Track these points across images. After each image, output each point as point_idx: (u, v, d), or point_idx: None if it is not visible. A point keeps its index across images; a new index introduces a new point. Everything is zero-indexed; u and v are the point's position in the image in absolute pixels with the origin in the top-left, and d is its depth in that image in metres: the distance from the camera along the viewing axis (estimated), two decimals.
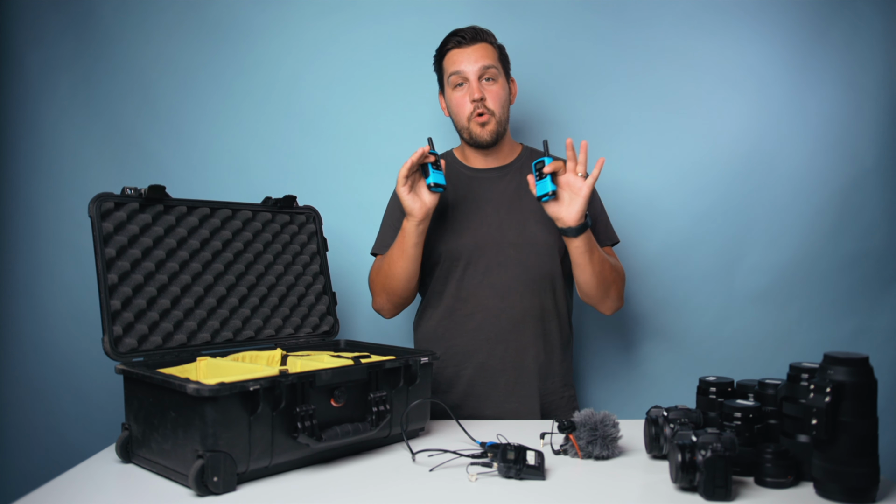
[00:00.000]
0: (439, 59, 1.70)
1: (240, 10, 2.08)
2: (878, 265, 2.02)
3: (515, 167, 1.72)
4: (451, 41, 1.66)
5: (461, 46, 1.64)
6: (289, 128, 2.09)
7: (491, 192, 1.69)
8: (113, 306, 1.28)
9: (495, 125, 1.64)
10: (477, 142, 1.66)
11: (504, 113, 1.66)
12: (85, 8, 2.05)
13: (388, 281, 1.65)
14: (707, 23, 2.05)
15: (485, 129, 1.63)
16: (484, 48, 1.64)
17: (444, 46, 1.67)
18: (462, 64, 1.62)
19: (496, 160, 1.72)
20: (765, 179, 2.04)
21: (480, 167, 1.72)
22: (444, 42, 1.68)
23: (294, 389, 1.13)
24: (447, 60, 1.66)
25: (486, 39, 1.65)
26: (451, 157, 1.77)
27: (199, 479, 1.04)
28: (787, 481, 1.05)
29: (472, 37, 1.64)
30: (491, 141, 1.65)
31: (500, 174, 1.71)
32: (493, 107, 1.63)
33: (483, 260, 1.64)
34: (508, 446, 1.12)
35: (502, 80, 1.66)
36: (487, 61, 1.62)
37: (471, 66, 1.62)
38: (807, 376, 1.06)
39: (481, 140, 1.65)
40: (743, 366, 1.96)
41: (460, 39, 1.64)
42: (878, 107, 2.01)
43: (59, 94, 2.06)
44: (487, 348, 1.63)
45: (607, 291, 1.61)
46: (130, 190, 1.37)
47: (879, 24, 2.01)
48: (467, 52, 1.63)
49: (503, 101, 1.65)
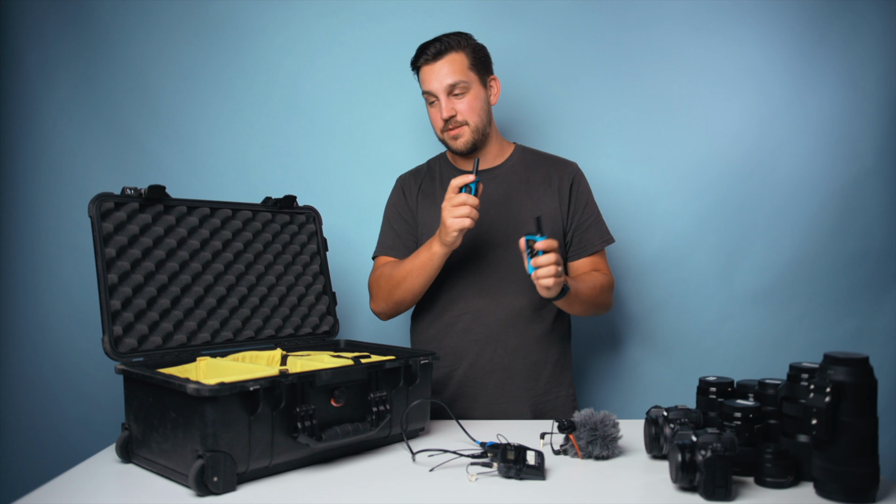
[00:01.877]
0: (416, 73, 1.69)
1: (240, 10, 2.08)
2: (878, 265, 2.03)
3: (505, 168, 1.72)
4: (419, 58, 1.64)
5: (428, 63, 1.61)
6: (289, 128, 2.09)
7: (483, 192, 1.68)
8: (113, 306, 1.28)
9: (470, 135, 1.63)
10: (455, 152, 1.68)
11: (481, 119, 1.64)
12: (85, 8, 2.05)
13: (397, 291, 1.62)
14: (707, 23, 2.05)
15: (458, 141, 1.64)
16: (450, 62, 1.60)
17: (414, 63, 1.66)
18: (430, 83, 1.61)
19: (484, 163, 1.71)
20: (765, 179, 2.04)
21: (469, 170, 1.72)
22: (413, 58, 1.66)
23: (294, 389, 1.13)
24: (420, 77, 1.66)
25: (452, 50, 1.60)
26: (443, 161, 1.78)
27: (199, 479, 1.04)
28: (787, 481, 1.05)
29: (436, 53, 1.60)
30: (467, 150, 1.65)
31: (489, 177, 1.70)
32: (466, 117, 1.62)
33: (473, 262, 1.65)
34: (508, 446, 1.12)
35: (475, 88, 1.63)
36: (453, 77, 1.59)
37: (437, 84, 1.60)
38: (807, 376, 1.06)
39: (457, 151, 1.67)
40: (743, 366, 1.96)
41: (427, 57, 1.61)
42: (879, 107, 2.02)
43: (59, 94, 2.06)
44: (477, 349, 1.64)
45: (595, 313, 1.69)
46: (130, 190, 1.37)
47: (879, 24, 2.01)
48: (434, 70, 1.60)
49: (478, 109, 1.63)
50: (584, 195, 1.71)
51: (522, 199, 1.67)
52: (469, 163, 1.72)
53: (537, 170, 1.71)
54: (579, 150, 2.04)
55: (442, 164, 1.77)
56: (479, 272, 1.64)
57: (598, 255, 1.71)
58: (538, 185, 1.69)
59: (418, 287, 1.60)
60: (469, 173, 1.51)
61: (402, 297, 1.63)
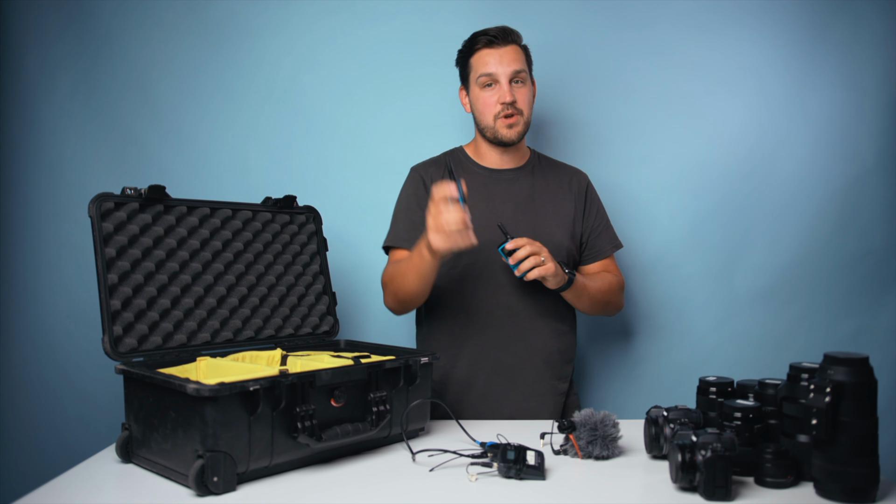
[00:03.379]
0: (466, 55, 1.67)
1: (240, 10, 2.08)
2: (878, 265, 2.03)
3: (528, 168, 1.73)
4: (480, 40, 1.63)
5: (492, 47, 1.61)
6: (289, 128, 2.09)
7: (507, 191, 1.69)
8: (113, 306, 1.28)
9: (523, 126, 1.65)
10: (502, 141, 1.65)
11: (531, 114, 1.67)
12: (85, 8, 2.05)
13: (403, 293, 1.59)
14: (707, 23, 2.05)
15: (512, 130, 1.63)
16: (515, 50, 1.63)
17: (472, 44, 1.65)
18: (493, 66, 1.61)
19: (512, 161, 1.71)
20: (765, 179, 2.04)
21: (495, 167, 1.71)
22: (473, 40, 1.65)
23: (294, 389, 1.13)
24: (476, 59, 1.64)
25: (516, 41, 1.65)
26: (461, 155, 1.75)
27: (199, 479, 1.04)
28: (787, 481, 1.05)
29: (504, 38, 1.62)
30: (517, 140, 1.66)
31: (516, 175, 1.71)
32: (522, 106, 1.63)
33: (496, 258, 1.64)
34: (508, 446, 1.12)
35: (529, 83, 1.67)
36: (518, 65, 1.62)
37: (503, 68, 1.60)
38: (807, 376, 1.06)
39: (507, 139, 1.64)
40: (743, 366, 1.96)
41: (492, 39, 1.62)
42: (879, 107, 2.02)
43: (59, 94, 2.05)
44: (505, 346, 1.63)
45: (605, 311, 1.72)
46: (130, 190, 1.37)
47: (879, 24, 2.01)
48: (499, 54, 1.61)
49: (531, 103, 1.67)
50: (596, 202, 1.76)
51: (546, 200, 1.69)
52: (495, 157, 1.71)
53: (556, 174, 1.74)
54: (579, 150, 2.05)
55: (463, 160, 1.74)
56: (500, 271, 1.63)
57: (609, 259, 1.76)
58: (557, 188, 1.72)
59: (420, 291, 1.55)
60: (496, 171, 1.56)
61: (406, 298, 1.60)
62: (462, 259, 1.63)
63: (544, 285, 1.53)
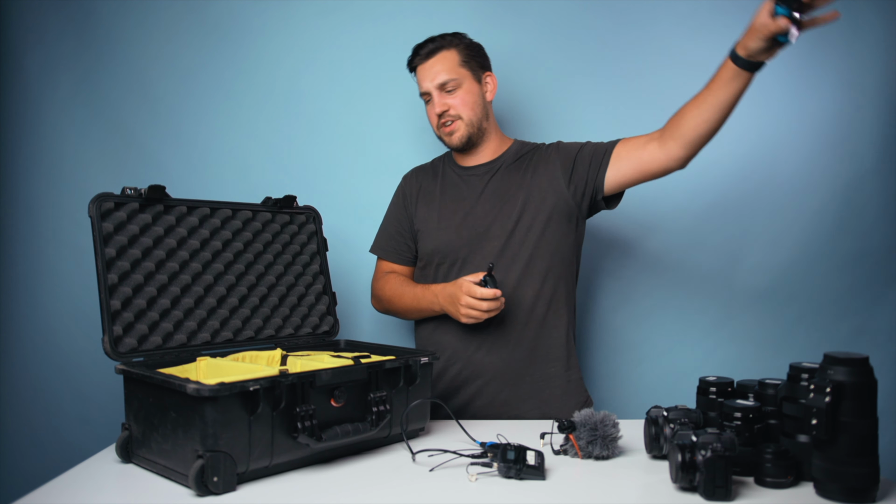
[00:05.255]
0: (414, 75, 1.74)
1: (240, 10, 2.08)
2: (878, 265, 2.02)
3: (503, 161, 1.73)
4: (414, 58, 1.70)
5: (421, 62, 1.68)
6: (289, 128, 2.09)
7: (479, 188, 1.71)
8: (113, 306, 1.28)
9: (465, 129, 1.67)
10: (452, 147, 1.73)
11: (475, 114, 1.67)
12: (85, 8, 2.05)
13: (393, 311, 1.78)
14: (707, 23, 2.05)
15: (454, 136, 1.68)
16: (441, 60, 1.66)
17: (410, 64, 1.72)
18: (423, 82, 1.68)
19: (483, 157, 1.75)
20: (765, 179, 2.04)
21: (469, 165, 1.76)
22: (409, 59, 1.71)
23: (294, 389, 1.13)
24: (417, 76, 1.72)
25: (442, 48, 1.66)
26: (448, 159, 1.81)
27: (199, 479, 1.04)
28: (787, 481, 1.05)
29: (427, 52, 1.66)
30: (462, 145, 1.70)
31: (489, 169, 1.73)
32: (459, 111, 1.66)
33: (476, 255, 1.66)
34: (508, 446, 1.12)
35: (468, 83, 1.67)
36: (444, 75, 1.65)
37: (430, 82, 1.67)
38: (807, 376, 1.06)
39: (453, 145, 1.71)
40: (743, 366, 1.96)
41: (419, 56, 1.68)
42: (878, 107, 2.01)
43: (59, 94, 2.05)
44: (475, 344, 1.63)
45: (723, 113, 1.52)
46: (130, 190, 1.37)
47: (879, 24, 2.01)
48: (426, 68, 1.67)
49: (471, 103, 1.67)
50: (569, 148, 1.69)
51: (518, 190, 1.68)
52: (466, 158, 1.75)
53: (531, 158, 1.72)
54: None
55: (446, 163, 1.80)
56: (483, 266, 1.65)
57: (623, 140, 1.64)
58: (530, 171, 1.70)
59: (411, 317, 1.75)
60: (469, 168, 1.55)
61: (396, 315, 1.79)
62: (447, 258, 1.68)
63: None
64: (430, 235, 1.72)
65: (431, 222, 1.73)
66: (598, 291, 2.09)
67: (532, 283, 1.63)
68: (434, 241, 1.71)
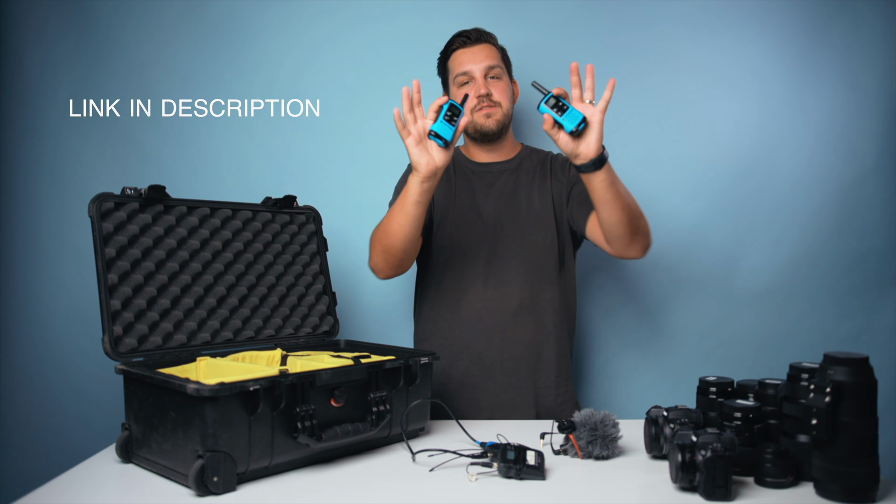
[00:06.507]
0: (444, 60, 1.74)
1: (240, 10, 2.08)
2: (878, 265, 2.02)
3: (516, 162, 1.75)
4: (455, 42, 1.71)
5: (466, 46, 1.69)
6: (289, 128, 2.09)
7: (493, 185, 1.72)
8: (113, 306, 1.28)
9: (502, 116, 1.68)
10: (482, 132, 1.68)
11: (510, 107, 1.71)
12: (85, 8, 2.05)
13: (385, 237, 1.53)
14: (707, 23, 2.05)
15: (490, 119, 1.67)
16: (488, 48, 1.69)
17: (448, 48, 1.72)
18: (467, 64, 1.67)
19: (499, 155, 1.75)
20: (765, 179, 2.04)
21: (483, 161, 1.75)
22: (448, 44, 1.73)
23: (294, 389, 1.13)
24: (452, 61, 1.71)
25: (489, 41, 1.71)
26: (457, 154, 1.80)
27: (199, 479, 1.04)
28: (787, 481, 1.05)
29: (476, 37, 1.69)
30: (497, 130, 1.68)
31: (502, 168, 1.74)
32: (500, 99, 1.67)
33: (482, 252, 1.66)
34: (508, 446, 1.12)
35: (506, 78, 1.71)
36: (492, 61, 1.68)
37: (476, 65, 1.67)
38: (807, 376, 1.06)
39: (486, 129, 1.67)
40: (743, 366, 1.96)
41: (465, 40, 1.69)
42: (879, 107, 2.01)
43: (59, 94, 2.05)
44: (485, 339, 1.64)
45: (637, 225, 1.49)
46: (130, 190, 1.37)
47: (879, 24, 2.01)
48: (472, 52, 1.68)
49: (509, 96, 1.71)
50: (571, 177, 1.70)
51: (529, 193, 1.70)
52: (482, 153, 1.75)
53: (546, 164, 1.75)
54: None
55: (457, 156, 1.79)
56: (489, 263, 1.66)
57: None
58: (539, 177, 1.72)
59: (398, 227, 1.49)
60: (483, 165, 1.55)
61: (389, 242, 1.52)
62: (444, 252, 1.68)
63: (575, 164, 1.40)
64: (445, 228, 1.70)
65: (448, 214, 1.71)
66: (598, 291, 2.09)
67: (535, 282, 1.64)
68: (447, 233, 1.69)
